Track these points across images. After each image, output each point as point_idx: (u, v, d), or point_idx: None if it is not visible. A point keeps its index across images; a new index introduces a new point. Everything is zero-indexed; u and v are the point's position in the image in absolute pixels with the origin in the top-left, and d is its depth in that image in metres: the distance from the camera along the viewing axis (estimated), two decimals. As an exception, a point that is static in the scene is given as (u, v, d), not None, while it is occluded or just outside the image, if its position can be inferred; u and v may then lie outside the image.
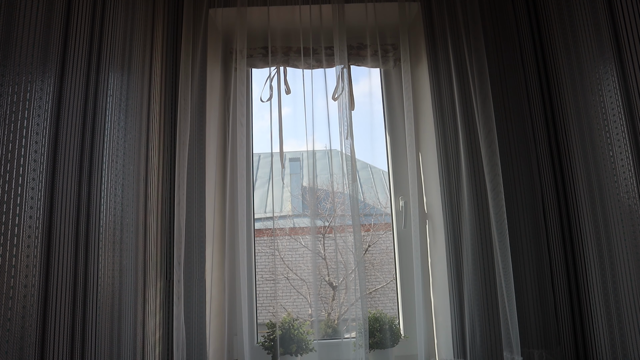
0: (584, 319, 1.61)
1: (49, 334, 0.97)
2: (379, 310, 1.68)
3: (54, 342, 0.99)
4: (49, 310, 0.98)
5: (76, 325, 1.08)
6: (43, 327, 0.96)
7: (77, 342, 1.08)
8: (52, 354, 0.98)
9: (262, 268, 2.20)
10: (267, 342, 1.61)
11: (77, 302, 1.09)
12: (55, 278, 1.01)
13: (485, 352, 1.52)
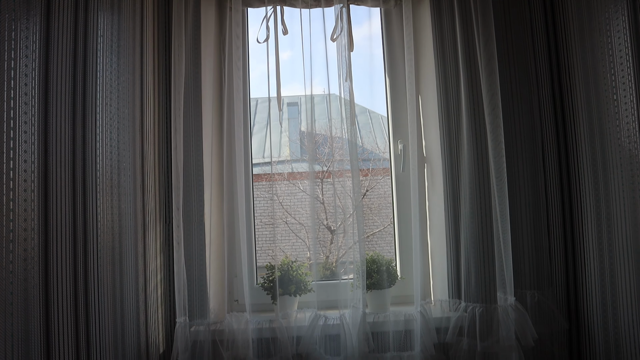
0: (577, 262, 1.64)
1: (51, 276, 0.99)
2: (377, 252, 1.71)
3: (57, 284, 1.01)
4: (50, 253, 0.99)
5: (78, 268, 1.09)
6: (45, 270, 0.97)
7: (79, 284, 1.10)
8: (56, 295, 1.00)
9: (261, 212, 2.22)
10: (267, 283, 1.65)
11: (78, 245, 1.10)
12: (54, 222, 1.01)
13: (479, 293, 1.56)
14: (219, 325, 1.57)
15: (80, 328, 1.09)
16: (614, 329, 1.45)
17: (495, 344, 1.53)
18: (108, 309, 1.24)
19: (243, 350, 1.54)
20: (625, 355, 1.39)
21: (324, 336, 1.57)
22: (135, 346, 1.42)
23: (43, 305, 0.96)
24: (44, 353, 0.96)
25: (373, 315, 1.61)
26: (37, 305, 0.94)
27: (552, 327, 1.68)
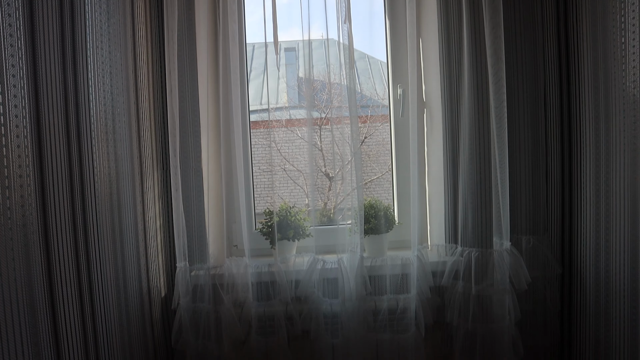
0: (573, 208, 1.65)
1: (50, 223, 0.99)
2: (375, 197, 1.72)
3: (56, 231, 1.01)
4: (48, 199, 0.99)
5: (76, 214, 1.09)
6: (44, 216, 0.97)
7: (79, 231, 1.10)
8: (56, 241, 1.01)
9: (259, 160, 2.21)
10: (265, 229, 1.67)
11: (75, 191, 1.10)
12: (49, 168, 1.00)
13: (475, 238, 1.58)
14: (219, 269, 1.60)
15: (82, 273, 1.11)
16: (605, 273, 1.48)
17: (490, 287, 1.57)
18: (109, 255, 1.25)
19: (243, 294, 1.57)
20: (613, 299, 1.43)
21: (322, 280, 1.61)
22: (137, 291, 1.45)
23: (44, 251, 0.97)
24: (48, 298, 0.98)
25: (370, 260, 1.63)
26: (37, 252, 0.94)
27: (545, 272, 1.71)
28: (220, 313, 1.56)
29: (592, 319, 1.55)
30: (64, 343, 1.02)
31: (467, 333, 1.61)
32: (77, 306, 1.08)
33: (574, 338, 1.67)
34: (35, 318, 0.92)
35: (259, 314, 1.59)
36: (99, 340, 1.17)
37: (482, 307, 1.58)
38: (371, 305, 1.59)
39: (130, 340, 1.37)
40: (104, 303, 1.21)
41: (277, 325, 1.58)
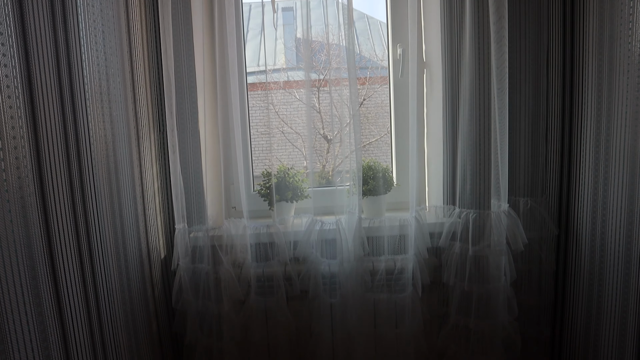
0: (572, 171, 1.65)
1: (46, 184, 0.98)
2: (373, 159, 1.71)
3: (53, 193, 1.01)
4: (43, 161, 0.98)
5: (73, 176, 1.09)
6: (40, 178, 0.96)
7: (76, 192, 1.10)
8: (53, 204, 1.00)
9: (257, 122, 2.19)
10: (263, 190, 1.66)
11: (71, 154, 1.08)
12: (43, 129, 0.98)
13: (473, 199, 1.58)
14: (217, 231, 1.61)
15: (81, 236, 1.11)
16: (600, 235, 1.49)
17: (487, 248, 1.58)
18: (107, 217, 1.25)
19: (242, 255, 1.59)
20: (608, 260, 1.45)
21: (320, 240, 1.62)
22: (137, 252, 1.46)
23: (42, 214, 0.96)
24: (48, 261, 0.98)
25: (368, 221, 1.64)
26: (35, 215, 0.94)
27: (542, 233, 1.73)
28: (219, 274, 1.58)
29: (586, 280, 1.58)
30: (66, 306, 1.03)
31: (463, 293, 1.63)
32: (78, 268, 1.09)
33: (568, 298, 1.69)
34: (36, 280, 0.93)
35: (257, 275, 1.61)
36: (100, 301, 1.19)
37: (478, 268, 1.60)
38: (369, 266, 1.61)
39: (131, 301, 1.39)
40: (104, 265, 1.22)
41: (276, 286, 1.61)
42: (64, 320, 1.02)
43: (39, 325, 0.92)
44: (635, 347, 1.35)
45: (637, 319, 1.34)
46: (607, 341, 1.48)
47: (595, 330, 1.54)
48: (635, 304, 1.34)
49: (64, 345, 1.01)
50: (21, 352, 0.87)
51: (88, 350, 1.12)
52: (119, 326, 1.29)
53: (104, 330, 1.20)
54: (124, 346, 1.31)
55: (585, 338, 1.60)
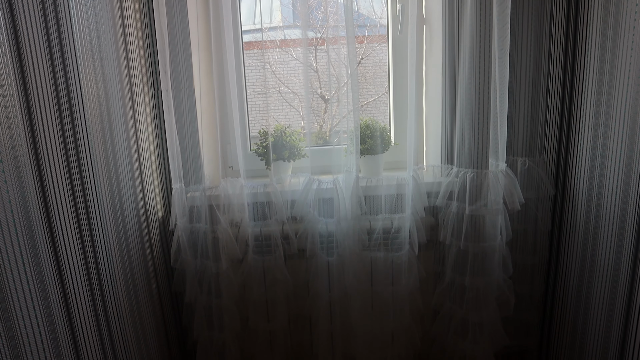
0: (571, 132, 1.63)
1: (40, 144, 0.97)
2: (371, 117, 1.69)
3: (47, 152, 0.99)
4: (35, 121, 0.96)
5: (67, 136, 1.07)
6: (33, 138, 0.95)
7: (71, 153, 1.08)
8: (48, 162, 0.99)
9: (253, 82, 2.15)
10: (260, 149, 1.65)
11: (64, 113, 1.06)
12: (34, 87, 0.96)
13: (471, 159, 1.58)
14: (215, 190, 1.61)
15: (77, 196, 1.10)
16: (597, 196, 1.49)
17: (483, 207, 1.59)
18: (103, 177, 1.24)
19: (239, 214, 1.59)
20: (603, 221, 1.45)
21: (317, 200, 1.62)
22: (135, 212, 1.46)
23: (36, 175, 0.95)
24: (45, 223, 0.97)
25: (366, 180, 1.64)
26: (30, 176, 0.93)
27: (538, 193, 1.73)
28: (217, 233, 1.58)
29: (581, 239, 1.59)
30: (66, 267, 1.04)
31: (459, 252, 1.65)
32: (76, 229, 1.09)
33: (562, 257, 1.72)
34: (34, 241, 0.93)
35: (255, 234, 1.62)
36: (99, 262, 1.19)
37: (474, 227, 1.61)
38: (366, 225, 1.61)
39: (130, 261, 1.40)
40: (101, 225, 1.22)
41: (274, 245, 1.62)
42: (64, 281, 1.03)
43: (39, 284, 0.93)
44: (625, 304, 1.38)
45: (629, 278, 1.35)
46: (598, 298, 1.51)
47: (587, 287, 1.57)
48: (628, 263, 1.36)
49: (66, 306, 1.02)
50: (24, 312, 0.87)
51: (89, 311, 1.13)
52: (118, 286, 1.30)
53: (104, 290, 1.21)
54: (124, 305, 1.33)
55: (577, 295, 1.63)
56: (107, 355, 1.22)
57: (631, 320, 1.36)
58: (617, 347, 1.42)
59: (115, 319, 1.27)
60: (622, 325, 1.40)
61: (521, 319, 1.93)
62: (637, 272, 1.32)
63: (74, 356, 1.04)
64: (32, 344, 0.90)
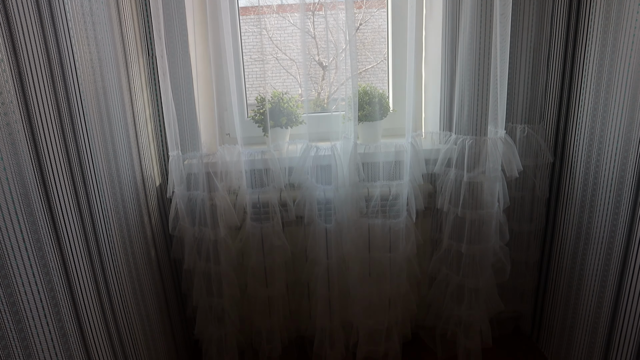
0: (572, 99, 1.62)
1: (33, 112, 0.95)
2: (369, 84, 1.67)
3: (41, 118, 0.98)
4: (27, 85, 0.94)
5: (60, 103, 1.05)
6: (26, 104, 0.93)
7: (65, 120, 1.07)
8: (42, 129, 0.97)
9: (250, 48, 2.11)
10: (258, 116, 1.64)
11: (56, 78, 1.04)
12: (24, 53, 0.93)
13: (470, 126, 1.56)
14: (212, 157, 1.60)
15: (73, 164, 1.09)
16: (595, 164, 1.49)
17: (481, 175, 1.58)
18: (99, 144, 1.23)
19: (237, 181, 1.59)
20: (600, 189, 1.45)
21: (315, 167, 1.61)
22: (132, 180, 1.45)
23: (31, 142, 0.94)
24: (42, 192, 0.97)
25: (364, 147, 1.63)
26: (24, 143, 0.91)
27: (537, 160, 1.73)
28: (215, 200, 1.58)
29: (578, 207, 1.59)
30: (64, 234, 1.03)
31: (457, 219, 1.65)
32: (73, 197, 1.08)
33: (558, 224, 1.72)
34: (31, 207, 0.92)
35: (253, 201, 1.62)
36: (98, 230, 1.19)
37: (472, 194, 1.61)
38: (364, 192, 1.61)
39: (128, 228, 1.40)
40: (98, 193, 1.21)
41: (272, 212, 1.62)
42: (63, 250, 1.03)
43: (37, 251, 0.93)
44: (619, 270, 1.39)
45: (624, 245, 1.36)
46: (593, 265, 1.52)
47: (582, 255, 1.58)
48: (623, 231, 1.36)
49: (65, 273, 1.03)
50: (24, 280, 0.88)
51: (89, 278, 1.13)
52: (117, 253, 1.31)
53: (103, 258, 1.22)
54: (123, 273, 1.34)
55: (572, 262, 1.64)
56: (108, 322, 1.23)
57: (624, 286, 1.38)
58: (609, 313, 1.45)
59: (115, 285, 1.28)
60: (614, 291, 1.42)
61: (516, 286, 1.96)
62: (632, 239, 1.33)
63: (75, 323, 1.06)
64: (34, 310, 0.91)
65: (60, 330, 1.00)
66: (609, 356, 1.47)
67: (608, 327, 1.46)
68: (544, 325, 1.88)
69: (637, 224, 1.30)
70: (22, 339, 0.87)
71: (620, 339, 1.41)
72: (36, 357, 0.90)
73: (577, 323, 1.63)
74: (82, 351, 1.08)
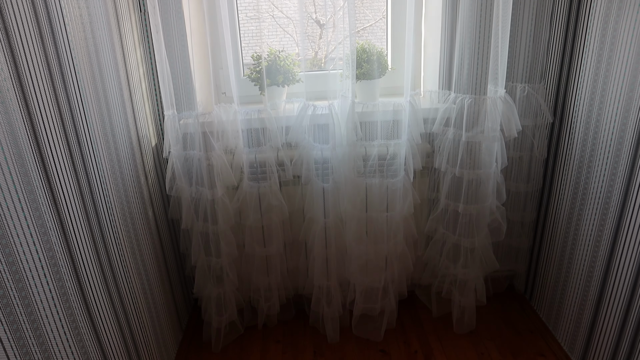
0: (574, 58, 1.59)
1: (22, 70, 0.92)
2: (367, 41, 1.64)
3: (32, 80, 0.95)
4: (15, 46, 0.91)
5: (51, 62, 1.02)
6: (15, 65, 0.90)
7: (56, 79, 1.04)
8: (33, 91, 0.95)
9: (246, 6, 2.06)
10: (254, 74, 1.61)
11: (45, 36, 1.00)
12: (10, 12, 0.90)
13: (470, 84, 1.54)
14: (208, 117, 1.58)
15: (67, 125, 1.07)
16: (595, 124, 1.47)
17: (480, 134, 1.57)
18: (92, 103, 1.20)
19: (233, 141, 1.57)
20: (598, 150, 1.45)
21: (312, 126, 1.60)
22: (127, 140, 1.43)
23: (22, 104, 0.91)
24: (37, 155, 0.95)
25: (362, 105, 1.61)
26: (16, 105, 0.89)
27: (536, 120, 1.71)
28: (211, 160, 1.57)
29: (575, 168, 1.59)
30: (61, 197, 1.02)
31: (454, 178, 1.65)
32: (67, 157, 1.07)
33: (555, 185, 1.73)
34: (26, 169, 0.91)
35: (250, 161, 1.61)
36: (94, 191, 1.18)
37: (470, 154, 1.60)
38: (361, 151, 1.60)
39: (125, 189, 1.39)
40: (94, 153, 1.19)
41: (269, 171, 1.61)
42: (60, 211, 1.02)
43: (34, 211, 0.92)
44: (614, 231, 1.40)
45: (620, 205, 1.37)
46: (588, 226, 1.53)
47: (577, 215, 1.59)
48: (620, 191, 1.37)
49: (63, 234, 1.03)
50: (22, 242, 0.87)
51: (87, 238, 1.13)
52: (115, 214, 1.30)
53: (101, 218, 1.22)
54: (121, 233, 1.34)
55: (568, 222, 1.65)
56: (108, 281, 1.24)
57: (617, 247, 1.39)
58: (601, 273, 1.47)
59: (113, 246, 1.28)
60: (607, 252, 1.44)
61: (511, 245, 1.98)
62: (628, 200, 1.33)
63: (75, 283, 1.06)
64: (33, 270, 0.91)
65: (61, 289, 1.00)
66: (599, 314, 1.50)
67: (599, 287, 1.49)
68: (538, 283, 1.91)
69: (634, 184, 1.30)
70: (23, 297, 0.87)
71: (610, 299, 1.44)
72: (38, 314, 0.91)
73: (570, 282, 1.65)
74: (83, 309, 1.10)
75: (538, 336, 1.81)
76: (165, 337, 1.68)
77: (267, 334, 1.89)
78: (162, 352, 1.63)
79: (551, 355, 1.71)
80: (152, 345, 1.53)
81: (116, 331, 1.28)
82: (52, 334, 0.96)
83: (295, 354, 1.78)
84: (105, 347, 1.21)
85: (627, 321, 1.37)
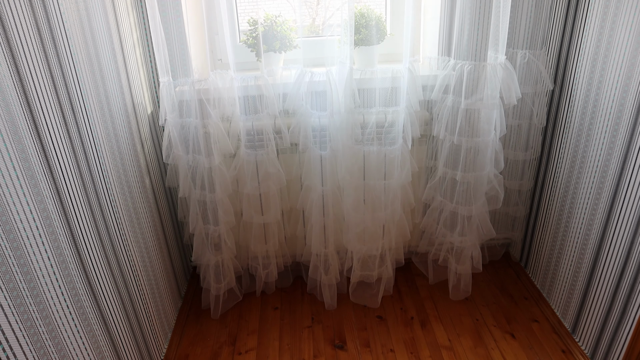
0: (576, 25, 1.56)
1: (13, 37, 0.90)
2: (366, 5, 1.60)
3: (23, 49, 0.93)
4: (5, 14, 0.88)
5: (42, 28, 1.00)
6: (5, 33, 0.88)
7: (49, 48, 1.01)
8: (25, 59, 0.93)
9: (241, -30, 2.00)
10: (250, 40, 1.58)
11: (36, 5, 0.98)
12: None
13: (470, 51, 1.51)
14: (204, 84, 1.55)
15: (60, 94, 1.05)
16: (596, 91, 1.46)
17: (479, 102, 1.55)
18: (85, 70, 1.18)
19: (230, 108, 1.55)
20: (598, 118, 1.43)
21: (310, 92, 1.58)
22: (122, 108, 1.41)
23: (14, 73, 0.89)
24: (31, 124, 0.93)
25: (360, 72, 1.58)
26: (7, 75, 0.87)
27: (536, 88, 1.69)
28: (208, 128, 1.56)
29: (574, 136, 1.58)
30: (57, 166, 1.01)
31: (452, 146, 1.65)
32: (63, 128, 1.05)
33: (553, 153, 1.72)
34: (22, 143, 0.90)
35: (247, 128, 1.60)
36: (89, 157, 1.17)
37: (469, 122, 1.59)
38: (359, 118, 1.59)
39: (121, 157, 1.38)
40: (89, 122, 1.18)
41: (266, 139, 1.60)
42: (57, 180, 1.01)
43: (30, 180, 0.91)
44: (610, 200, 1.41)
45: (617, 174, 1.37)
46: (584, 194, 1.53)
47: (575, 184, 1.59)
48: (618, 160, 1.36)
49: (60, 204, 1.02)
50: (19, 211, 0.87)
51: (85, 208, 1.13)
52: (111, 182, 1.30)
53: (98, 187, 1.21)
54: (118, 201, 1.34)
55: (565, 191, 1.65)
56: (107, 251, 1.24)
57: (612, 216, 1.40)
58: (596, 242, 1.48)
59: (111, 214, 1.28)
60: (603, 221, 1.44)
61: (508, 213, 1.99)
62: (626, 169, 1.33)
63: (75, 254, 1.06)
64: (31, 239, 0.91)
65: (60, 256, 1.01)
66: (592, 281, 1.51)
67: (594, 255, 1.50)
68: (533, 251, 1.93)
69: (632, 153, 1.30)
70: (22, 264, 0.87)
71: (604, 267, 1.45)
72: (37, 282, 0.92)
73: (565, 250, 1.67)
74: (83, 279, 1.10)
75: (532, 303, 1.83)
76: (165, 304, 1.70)
77: (265, 301, 1.91)
78: (162, 318, 1.65)
79: (544, 321, 1.74)
80: (152, 312, 1.55)
81: (116, 299, 1.29)
82: (52, 301, 0.97)
83: (293, 320, 1.81)
84: (106, 316, 1.22)
85: (619, 288, 1.39)
